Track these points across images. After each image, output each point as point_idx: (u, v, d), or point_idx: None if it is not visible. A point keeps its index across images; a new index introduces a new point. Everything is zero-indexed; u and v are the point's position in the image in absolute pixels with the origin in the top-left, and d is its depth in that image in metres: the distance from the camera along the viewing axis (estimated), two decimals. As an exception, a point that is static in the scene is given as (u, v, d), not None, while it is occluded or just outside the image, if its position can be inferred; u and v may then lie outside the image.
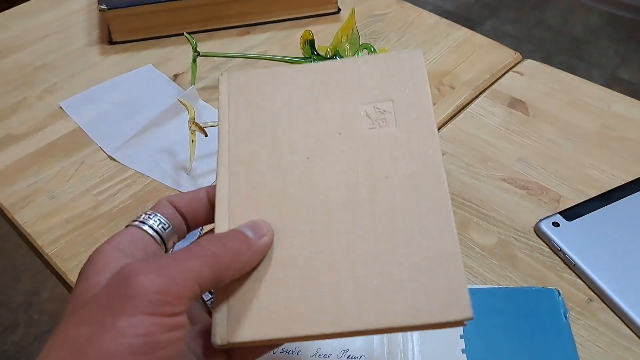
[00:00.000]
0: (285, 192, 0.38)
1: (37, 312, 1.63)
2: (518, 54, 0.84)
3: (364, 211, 0.36)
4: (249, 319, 0.34)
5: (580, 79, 0.79)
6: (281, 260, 0.36)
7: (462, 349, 0.51)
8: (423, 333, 0.51)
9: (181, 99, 0.67)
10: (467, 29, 0.88)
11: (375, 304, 0.34)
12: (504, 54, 0.84)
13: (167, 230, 0.37)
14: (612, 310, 0.54)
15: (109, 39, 0.86)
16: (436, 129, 0.39)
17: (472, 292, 0.54)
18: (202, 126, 0.64)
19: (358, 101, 0.41)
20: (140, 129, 0.71)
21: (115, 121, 0.73)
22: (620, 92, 0.77)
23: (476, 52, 0.84)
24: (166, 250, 0.37)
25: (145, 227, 0.36)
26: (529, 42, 2.58)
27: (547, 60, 2.49)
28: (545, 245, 0.59)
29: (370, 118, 0.40)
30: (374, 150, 0.39)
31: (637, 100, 0.75)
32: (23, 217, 0.63)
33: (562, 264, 0.58)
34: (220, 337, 0.34)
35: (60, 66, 0.82)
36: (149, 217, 0.37)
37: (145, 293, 0.29)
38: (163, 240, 0.37)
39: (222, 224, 0.37)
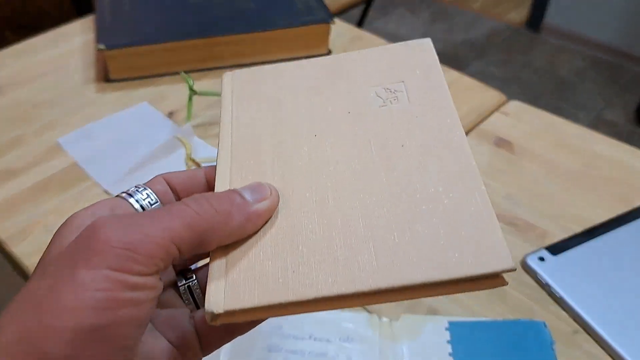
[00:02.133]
0: (292, 165, 0.36)
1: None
2: (504, 95, 0.87)
3: (379, 178, 0.34)
4: (251, 284, 0.30)
5: (564, 120, 0.82)
6: (288, 229, 0.32)
7: (451, 380, 0.52)
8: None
9: (179, 136, 0.68)
10: (455, 71, 0.91)
11: (397, 261, 0.30)
12: (491, 96, 0.86)
13: (153, 206, 0.34)
14: (597, 342, 0.55)
15: (106, 77, 0.88)
16: (453, 104, 0.37)
17: (462, 325, 0.55)
18: (198, 162, 0.66)
19: (367, 84, 0.40)
20: (136, 164, 0.73)
21: (111, 157, 0.75)
22: (605, 133, 0.79)
23: (464, 93, 0.87)
24: None
25: (131, 200, 0.34)
26: (515, 83, 2.63)
27: (533, 101, 2.53)
28: (531, 279, 0.61)
29: (380, 97, 0.39)
30: (387, 124, 0.37)
31: (618, 142, 0.78)
32: (21, 250, 0.64)
33: (548, 297, 0.59)
34: (216, 305, 0.29)
35: (57, 103, 0.84)
36: (137, 191, 0.35)
37: (111, 247, 0.27)
38: None
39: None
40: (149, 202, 0.34)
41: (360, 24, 2.14)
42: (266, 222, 0.33)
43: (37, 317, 0.26)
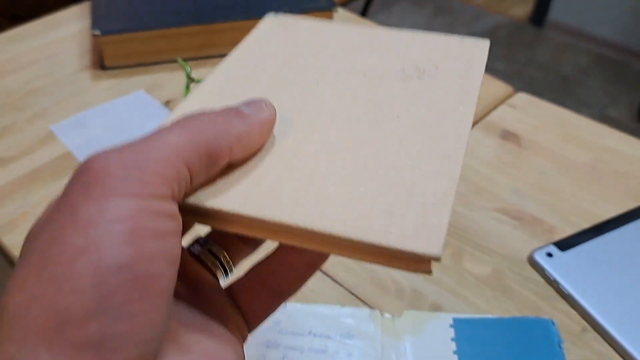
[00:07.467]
0: (283, 99, 0.35)
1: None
2: (510, 87, 0.84)
3: (359, 133, 0.32)
4: (231, 191, 0.28)
5: (572, 113, 0.79)
6: (281, 151, 0.31)
7: (455, 379, 0.50)
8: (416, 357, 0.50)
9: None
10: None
11: (327, 208, 0.28)
12: (497, 87, 0.84)
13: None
14: (606, 341, 0.53)
15: (101, 64, 0.86)
16: (474, 104, 0.35)
17: (467, 322, 0.53)
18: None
19: (400, 58, 0.38)
20: (131, 154, 0.71)
21: (106, 145, 0.73)
22: (610, 131, 0.77)
23: (468, 84, 0.84)
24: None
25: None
26: (519, 79, 2.61)
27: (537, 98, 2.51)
28: (539, 275, 0.59)
29: (405, 72, 0.37)
30: (395, 93, 0.35)
31: (628, 135, 0.76)
32: (11, 240, 0.61)
33: (556, 294, 0.57)
34: (195, 197, 0.28)
35: (51, 91, 0.82)
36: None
37: (112, 173, 0.23)
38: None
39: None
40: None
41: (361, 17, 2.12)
42: (269, 136, 0.31)
43: (47, 270, 0.21)
